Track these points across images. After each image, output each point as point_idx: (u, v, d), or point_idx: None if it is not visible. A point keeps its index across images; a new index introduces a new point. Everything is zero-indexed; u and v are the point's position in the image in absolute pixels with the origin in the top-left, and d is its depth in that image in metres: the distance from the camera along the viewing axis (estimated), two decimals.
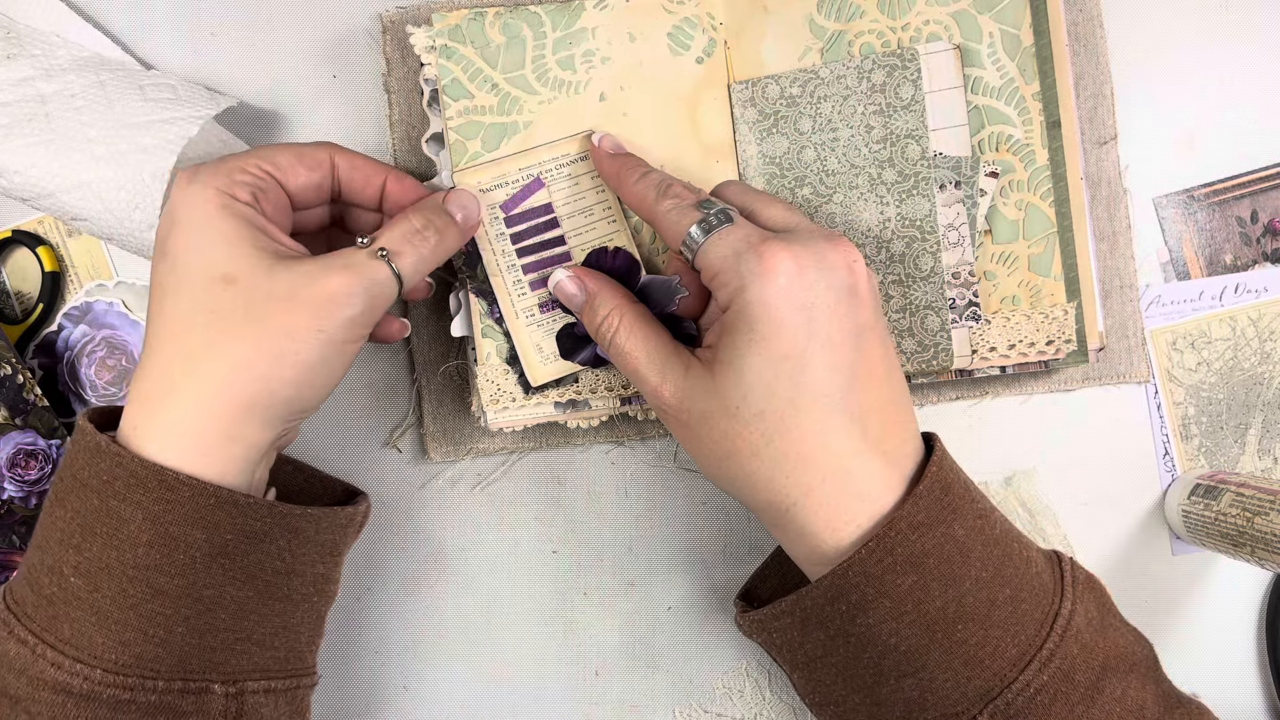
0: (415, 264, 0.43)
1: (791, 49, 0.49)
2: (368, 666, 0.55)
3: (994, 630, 0.39)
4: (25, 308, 0.55)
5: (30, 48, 0.51)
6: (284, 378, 0.39)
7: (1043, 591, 0.40)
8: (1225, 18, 0.54)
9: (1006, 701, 0.38)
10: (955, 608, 0.39)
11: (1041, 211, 0.49)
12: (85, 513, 0.38)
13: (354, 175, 0.45)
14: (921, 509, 0.39)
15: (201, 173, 0.41)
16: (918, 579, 0.39)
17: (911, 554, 0.39)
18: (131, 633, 0.38)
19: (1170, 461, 0.54)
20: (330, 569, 0.44)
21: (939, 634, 0.39)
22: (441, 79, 0.49)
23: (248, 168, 0.42)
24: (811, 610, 0.41)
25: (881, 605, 0.39)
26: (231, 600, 0.39)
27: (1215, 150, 0.54)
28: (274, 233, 0.41)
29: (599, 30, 0.49)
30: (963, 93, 0.49)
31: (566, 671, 0.55)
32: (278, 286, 0.39)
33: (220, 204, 0.40)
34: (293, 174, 0.43)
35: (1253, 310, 0.54)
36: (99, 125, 0.49)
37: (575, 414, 0.51)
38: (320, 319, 0.39)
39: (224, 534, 0.38)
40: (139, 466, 0.37)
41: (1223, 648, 0.54)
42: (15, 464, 0.51)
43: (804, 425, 0.39)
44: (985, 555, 0.40)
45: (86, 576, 0.37)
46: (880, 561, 0.38)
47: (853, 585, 0.39)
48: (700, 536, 0.55)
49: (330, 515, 0.43)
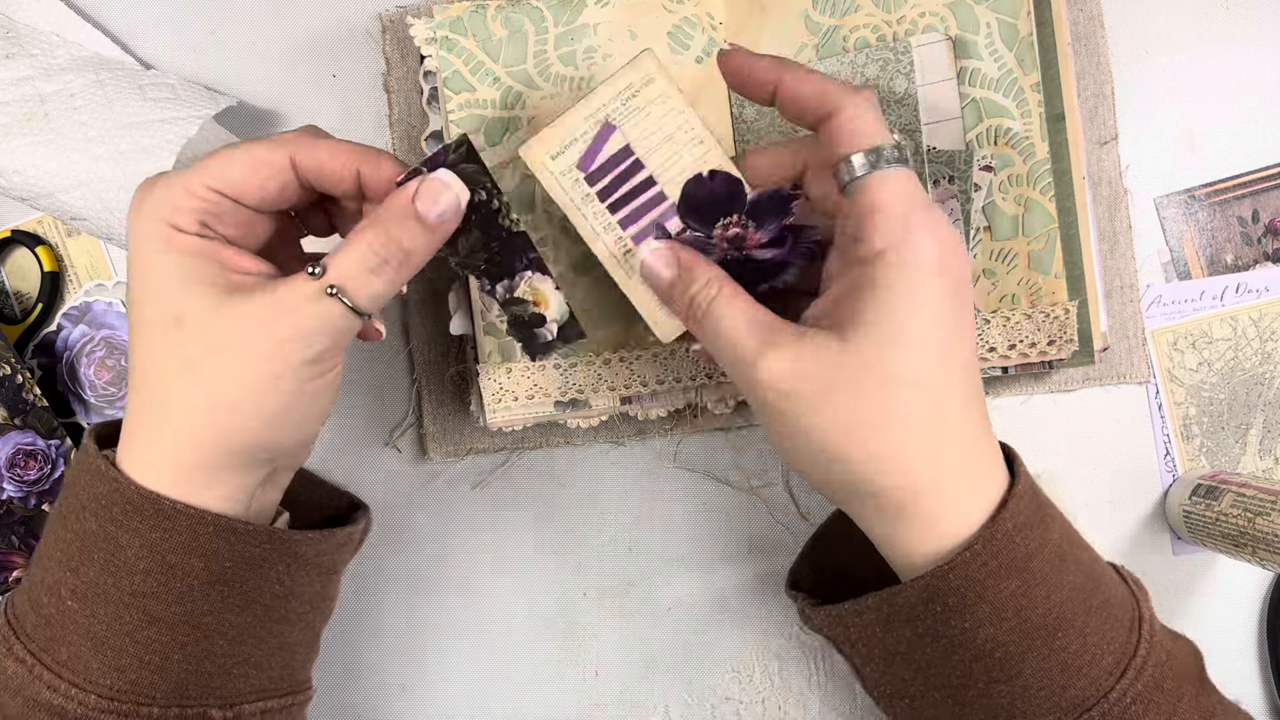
0: (375, 295, 0.38)
1: (788, 47, 0.49)
2: (367, 667, 0.55)
3: (1091, 637, 0.37)
4: (24, 308, 0.55)
5: (29, 47, 0.51)
6: (245, 428, 0.37)
7: (1124, 596, 0.39)
8: (1226, 17, 0.54)
9: (1103, 711, 0.37)
10: (1056, 614, 0.37)
11: (1042, 207, 0.49)
12: (84, 536, 0.37)
13: (321, 171, 0.39)
14: (1023, 510, 0.37)
15: (148, 200, 0.37)
16: (1021, 584, 0.37)
17: (1015, 558, 0.37)
18: (127, 659, 0.37)
19: (1171, 462, 0.54)
20: (326, 586, 0.44)
21: (1038, 641, 0.37)
22: (442, 71, 0.49)
23: (194, 190, 0.37)
24: (902, 608, 0.38)
25: (981, 609, 0.37)
26: (230, 626, 0.39)
27: (1216, 150, 0.54)
28: (228, 258, 0.38)
29: (600, 27, 0.49)
30: (955, 86, 0.49)
31: (566, 671, 0.55)
32: (224, 330, 0.36)
33: (164, 238, 0.37)
34: (246, 189, 0.38)
35: (1254, 310, 0.54)
36: (98, 125, 0.49)
37: (575, 414, 0.51)
38: (274, 366, 0.37)
39: (222, 562, 0.38)
40: (136, 494, 0.37)
41: (1223, 648, 0.54)
42: (14, 464, 0.51)
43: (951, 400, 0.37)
44: (1078, 559, 0.38)
45: (83, 600, 0.37)
46: (985, 565, 0.36)
47: (952, 588, 0.37)
48: (700, 536, 0.55)
49: (329, 538, 0.42)
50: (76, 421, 0.55)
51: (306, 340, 0.37)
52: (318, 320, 0.37)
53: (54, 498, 0.53)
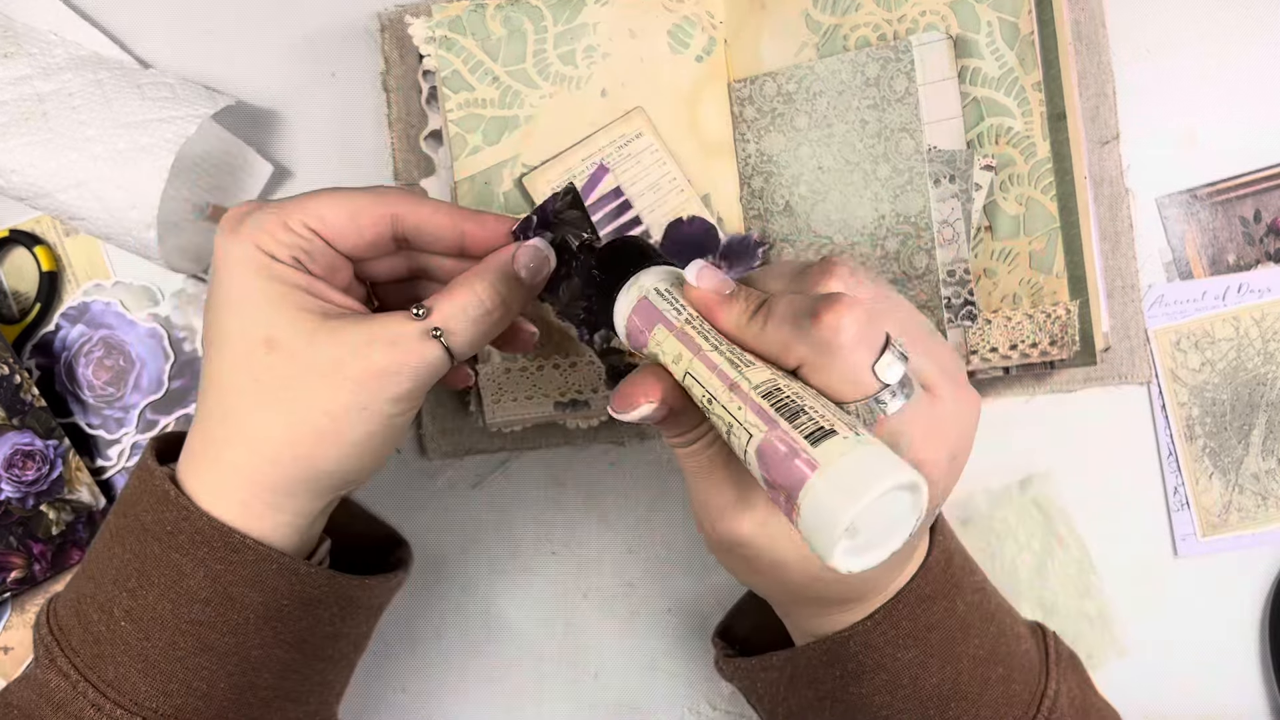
0: (473, 341, 0.39)
1: (788, 45, 0.49)
2: (367, 667, 0.55)
3: (984, 710, 0.39)
4: (22, 307, 0.55)
5: (28, 46, 0.51)
6: (326, 455, 0.37)
7: (1030, 670, 0.40)
8: (1227, 16, 0.53)
9: None
10: (951, 686, 0.38)
11: (1043, 206, 0.49)
12: (144, 558, 0.37)
13: (421, 228, 0.40)
14: (930, 581, 0.38)
15: (244, 226, 0.38)
16: (918, 654, 0.38)
17: (915, 628, 0.38)
18: (176, 684, 0.37)
19: (1175, 462, 0.54)
20: (371, 627, 0.44)
21: (931, 711, 0.38)
22: (441, 70, 0.49)
23: (293, 225, 0.38)
24: (803, 670, 0.40)
25: (878, 678, 0.38)
26: (277, 661, 0.39)
27: (1218, 149, 0.54)
28: (320, 290, 0.38)
29: (600, 26, 0.49)
30: (956, 84, 0.48)
31: (566, 672, 0.55)
32: (319, 357, 0.36)
33: (259, 264, 0.37)
34: (344, 237, 0.39)
35: (1256, 310, 0.54)
36: (97, 124, 0.48)
37: (574, 414, 0.51)
38: (362, 397, 0.36)
39: (280, 599, 0.38)
40: (205, 524, 0.37)
41: (1224, 647, 0.54)
42: (12, 464, 0.51)
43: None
44: (983, 631, 0.39)
45: (138, 623, 0.37)
46: (884, 634, 0.38)
47: (851, 654, 0.38)
48: (700, 537, 0.55)
49: (384, 582, 0.43)
50: (74, 422, 0.55)
51: (401, 376, 0.37)
52: (416, 358, 0.37)
53: (52, 498, 0.53)
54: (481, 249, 0.41)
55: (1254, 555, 0.54)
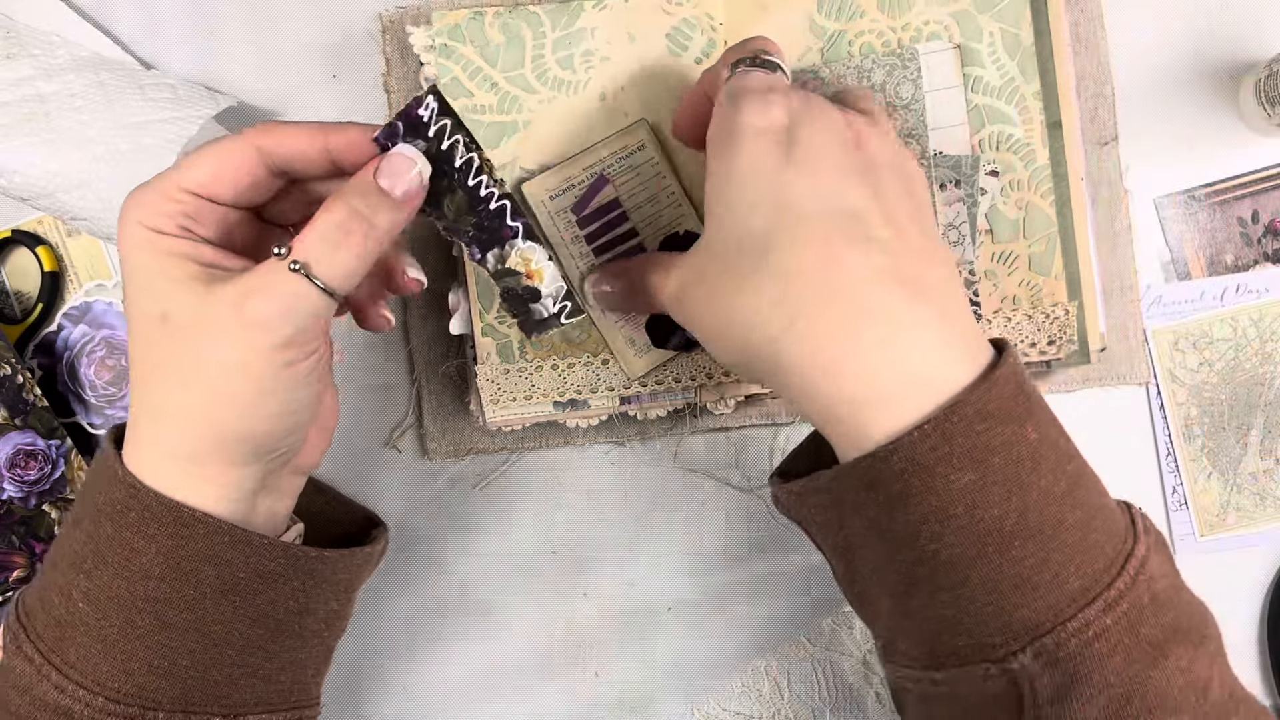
0: (342, 270, 0.37)
1: (792, 49, 0.49)
2: (368, 667, 0.55)
3: (1055, 554, 0.33)
4: (25, 308, 0.55)
5: (30, 47, 0.51)
6: (230, 416, 0.36)
7: (1115, 528, 0.35)
8: (1225, 16, 0.53)
9: (1057, 641, 0.32)
10: (1015, 520, 0.33)
11: (1042, 210, 0.49)
12: (98, 539, 0.37)
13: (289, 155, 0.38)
14: (994, 398, 0.33)
15: (130, 206, 0.38)
16: (976, 478, 0.33)
17: (974, 447, 0.33)
18: (136, 663, 0.37)
19: (1173, 462, 0.54)
20: (343, 605, 0.44)
21: (989, 548, 0.33)
22: (441, 78, 0.49)
23: (170, 194, 0.37)
24: (849, 492, 0.35)
25: (926, 502, 0.33)
26: (240, 637, 0.39)
27: (1216, 150, 0.54)
28: (208, 255, 0.38)
29: (598, 30, 0.49)
30: (962, 92, 0.49)
31: (566, 672, 0.55)
32: (206, 317, 0.36)
33: (144, 240, 0.37)
34: (217, 186, 0.38)
35: (1254, 310, 0.54)
36: (98, 125, 0.49)
37: (574, 413, 0.51)
38: (242, 350, 0.36)
39: (236, 572, 0.38)
40: (153, 500, 0.37)
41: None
42: (15, 464, 0.51)
43: (808, 253, 0.35)
44: (1058, 467, 0.34)
45: (95, 604, 0.37)
46: (934, 450, 0.33)
47: (895, 472, 0.33)
48: (700, 536, 0.55)
49: (348, 557, 0.42)
50: (77, 422, 0.55)
51: (271, 321, 0.36)
52: (284, 300, 0.36)
53: (55, 498, 0.53)
54: (353, 165, 0.39)
55: (1252, 555, 0.54)
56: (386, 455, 0.55)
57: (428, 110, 0.38)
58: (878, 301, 0.35)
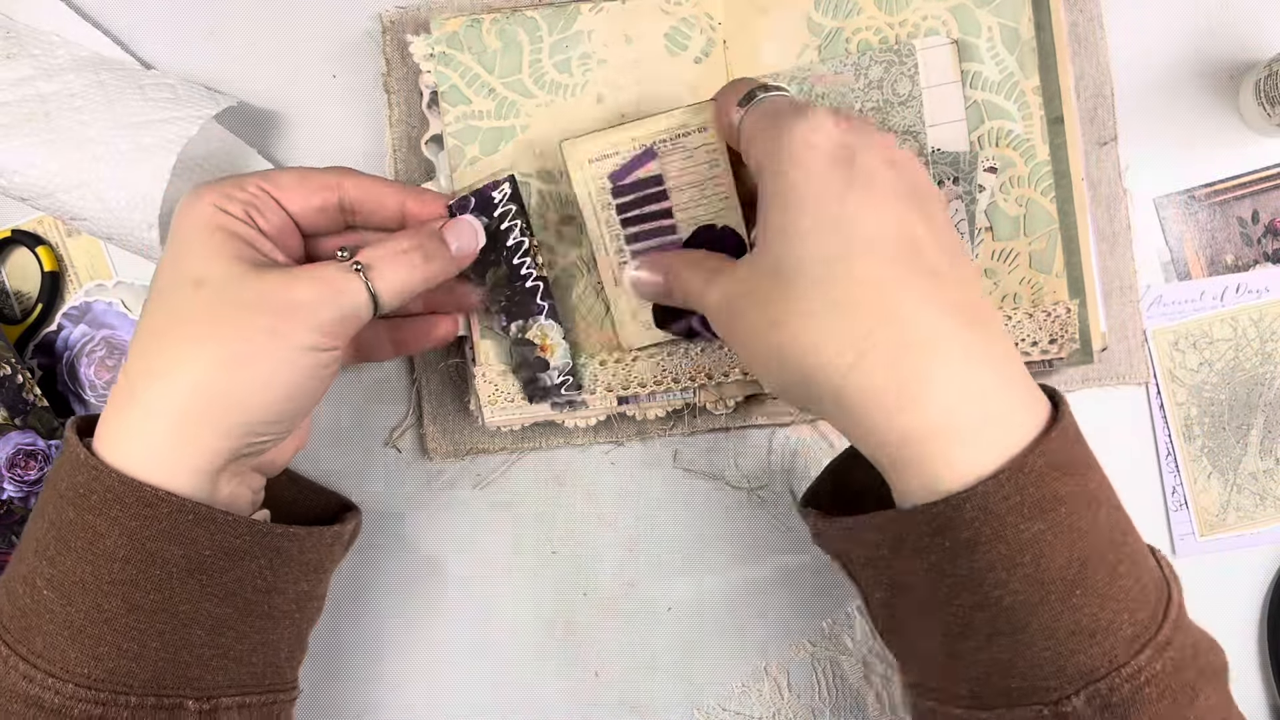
0: (394, 283, 0.40)
1: (789, 47, 0.49)
2: (364, 667, 0.55)
3: (1111, 603, 0.34)
4: (25, 308, 0.55)
5: (30, 47, 0.51)
6: (232, 382, 0.37)
7: (1154, 573, 0.36)
8: (1225, 16, 0.54)
9: (1111, 686, 0.33)
10: (1078, 570, 0.34)
11: (1042, 207, 0.49)
12: (61, 525, 0.37)
13: (365, 198, 0.43)
14: (1062, 449, 0.34)
15: (201, 189, 0.40)
16: (1044, 528, 0.33)
17: (1043, 498, 0.33)
18: (105, 647, 0.37)
19: (1173, 462, 0.54)
20: (314, 586, 0.44)
21: (1052, 595, 0.33)
22: (440, 85, 0.49)
23: (246, 185, 0.41)
24: (911, 535, 0.35)
25: (995, 550, 0.33)
26: (208, 616, 0.39)
27: (1216, 150, 0.54)
28: (263, 246, 0.40)
29: (595, 33, 0.49)
30: (960, 88, 0.49)
31: (566, 673, 0.55)
32: (245, 293, 0.38)
33: (208, 216, 0.39)
34: (292, 196, 0.42)
35: (1254, 310, 0.54)
36: (98, 125, 0.49)
37: (573, 413, 0.51)
38: (277, 322, 0.37)
39: (201, 550, 0.38)
40: (116, 481, 0.36)
41: (1224, 647, 0.54)
42: (15, 464, 0.51)
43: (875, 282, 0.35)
44: (1111, 516, 0.35)
45: (60, 590, 0.37)
46: (1007, 499, 0.33)
47: (967, 520, 0.33)
48: (700, 536, 0.55)
49: (315, 535, 0.42)
50: None
51: (315, 304, 0.38)
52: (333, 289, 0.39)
53: None
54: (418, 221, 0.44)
55: (1252, 555, 0.54)
56: (386, 455, 0.55)
57: (500, 194, 0.46)
58: (945, 337, 0.35)
